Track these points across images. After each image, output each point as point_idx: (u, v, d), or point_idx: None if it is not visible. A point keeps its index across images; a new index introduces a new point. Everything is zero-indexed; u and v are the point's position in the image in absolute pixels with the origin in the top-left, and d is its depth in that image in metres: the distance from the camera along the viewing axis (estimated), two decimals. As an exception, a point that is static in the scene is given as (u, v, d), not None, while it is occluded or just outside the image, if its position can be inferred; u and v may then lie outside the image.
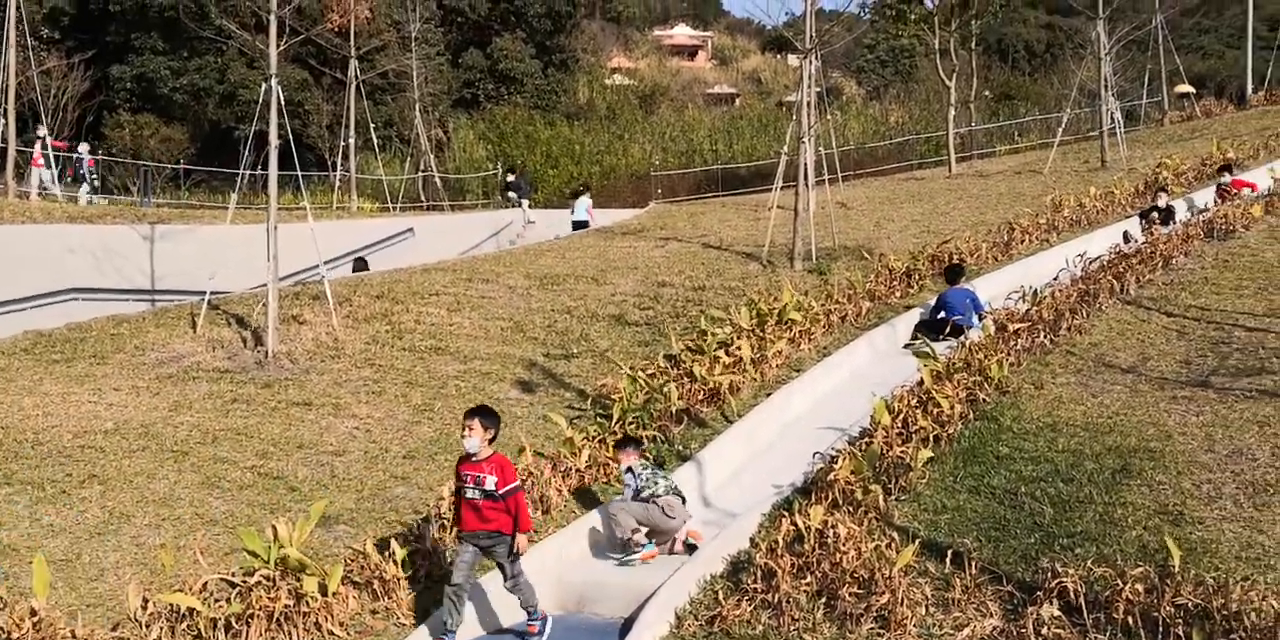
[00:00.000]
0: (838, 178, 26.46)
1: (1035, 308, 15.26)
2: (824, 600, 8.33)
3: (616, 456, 10.83)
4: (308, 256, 17.83)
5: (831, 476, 10.15)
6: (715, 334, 14.89)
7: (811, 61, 20.98)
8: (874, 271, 18.47)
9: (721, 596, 8.52)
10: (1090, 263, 17.61)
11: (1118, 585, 7.85)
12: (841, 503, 9.76)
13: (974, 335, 14.85)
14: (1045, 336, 14.36)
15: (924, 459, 10.58)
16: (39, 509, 9.85)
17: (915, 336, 16.20)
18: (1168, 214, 21.05)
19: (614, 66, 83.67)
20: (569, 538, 10.11)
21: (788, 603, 8.26)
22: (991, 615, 7.93)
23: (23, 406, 12.20)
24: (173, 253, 24.19)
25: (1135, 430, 11.35)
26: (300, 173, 18.15)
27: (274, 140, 15.10)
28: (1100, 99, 32.12)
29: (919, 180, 34.08)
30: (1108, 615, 7.73)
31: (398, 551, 9.03)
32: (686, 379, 13.59)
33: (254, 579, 8.33)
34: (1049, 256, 19.36)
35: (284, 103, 15.29)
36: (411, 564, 9.08)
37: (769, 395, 13.66)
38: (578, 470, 11.26)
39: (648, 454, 11.47)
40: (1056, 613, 7.71)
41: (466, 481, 8.45)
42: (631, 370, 13.62)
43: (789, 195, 21.04)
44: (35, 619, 7.58)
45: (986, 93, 57.73)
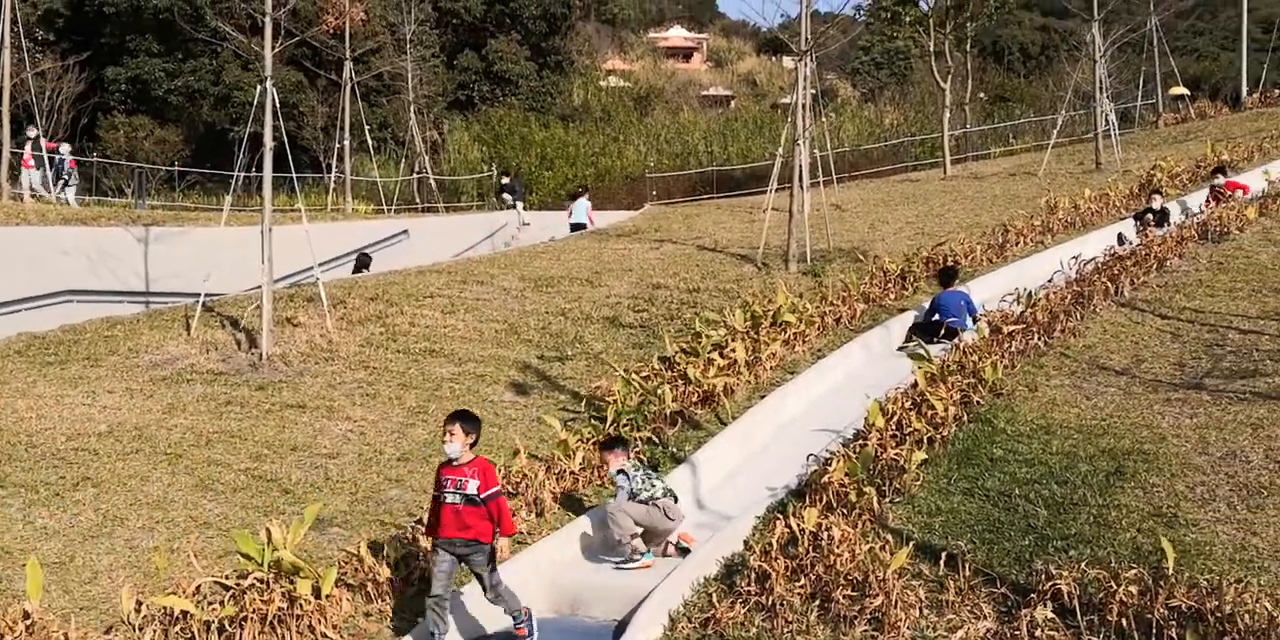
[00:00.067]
0: (832, 180, 26.51)
1: (1030, 310, 15.26)
2: (818, 602, 8.32)
3: (604, 458, 10.71)
4: (302, 258, 17.84)
5: (826, 479, 10.15)
6: (709, 336, 14.89)
7: (806, 63, 20.99)
8: (868, 274, 18.47)
9: (715, 599, 8.50)
10: (1085, 265, 17.62)
11: (1112, 587, 7.85)
12: (836, 505, 9.76)
13: (968, 337, 14.87)
14: (1039, 339, 14.36)
15: (918, 461, 10.58)
16: (32, 511, 9.83)
17: (909, 339, 16.22)
18: (1162, 216, 21.10)
19: (609, 68, 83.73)
20: (562, 540, 10.09)
21: (782, 605, 8.25)
22: (985, 617, 7.94)
23: (16, 409, 12.18)
24: (167, 255, 24.17)
25: (1129, 432, 11.36)
26: (295, 175, 18.17)
27: (269, 142, 15.09)
28: (1095, 101, 32.14)
29: (914, 182, 34.11)
30: (1101, 617, 7.73)
31: (391, 554, 9.03)
32: (681, 381, 13.59)
33: (247, 582, 8.31)
34: (1044, 258, 19.38)
35: (279, 105, 15.29)
36: (405, 567, 9.06)
37: (763, 397, 13.65)
38: (571, 473, 11.25)
39: (642, 456, 11.47)
40: (1050, 615, 7.71)
41: (447, 486, 8.34)
42: (626, 372, 13.62)
43: (784, 197, 21.05)
44: (28, 622, 7.57)
45: (981, 95, 57.76)
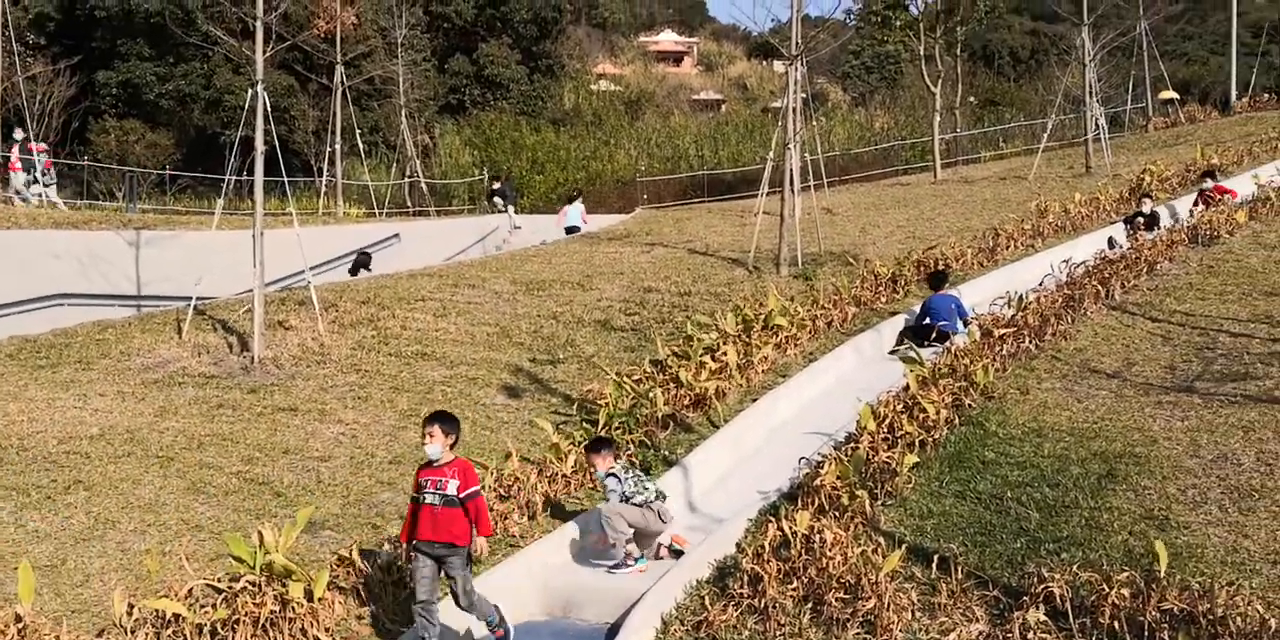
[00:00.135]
0: (823, 184, 26.57)
1: (1021, 313, 15.30)
2: (810, 605, 8.32)
3: (590, 460, 10.53)
4: (294, 262, 17.81)
5: (818, 482, 10.15)
6: (701, 339, 14.90)
7: (797, 67, 21.03)
8: (860, 277, 18.50)
9: (708, 602, 8.50)
10: (1075, 268, 17.66)
11: (1103, 590, 7.86)
12: (828, 508, 9.77)
13: (959, 341, 14.89)
14: (1030, 342, 14.39)
15: (910, 464, 10.59)
16: (24, 515, 9.82)
17: (901, 342, 16.24)
18: (1152, 220, 21.15)
19: (600, 72, 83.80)
20: (555, 543, 10.08)
21: (774, 608, 8.25)
22: (978, 620, 7.94)
23: (8, 412, 12.17)
24: (158, 258, 24.12)
25: (1120, 435, 11.38)
26: (286, 178, 18.11)
27: (260, 146, 15.09)
28: (1085, 105, 32.25)
29: (904, 186, 34.16)
30: (1093, 620, 7.75)
31: (383, 557, 9.02)
32: (672, 384, 13.59)
33: (240, 585, 8.30)
34: (1034, 262, 19.42)
35: (270, 108, 15.28)
36: (397, 570, 9.05)
37: (755, 401, 13.66)
38: (563, 476, 11.25)
39: (634, 459, 11.47)
40: (1042, 617, 7.72)
41: (427, 487, 8.27)
42: (617, 376, 13.61)
43: (775, 201, 21.08)
44: (20, 625, 7.55)
45: (972, 99, 57.99)
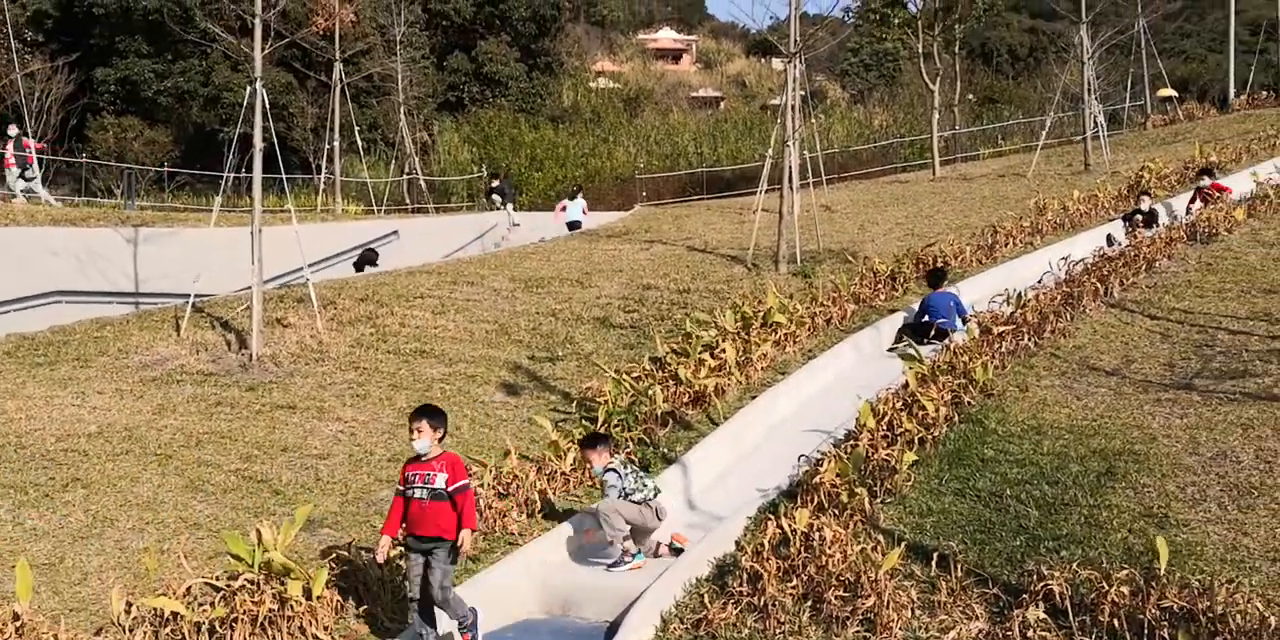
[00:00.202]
0: (822, 181, 26.57)
1: (1019, 310, 15.28)
2: (810, 603, 8.31)
3: (585, 456, 10.46)
4: (292, 259, 17.81)
5: (817, 479, 10.13)
6: (700, 337, 14.89)
7: (796, 65, 21.01)
8: (858, 274, 18.49)
9: (707, 600, 8.49)
10: (1074, 266, 17.65)
11: (1103, 588, 7.85)
12: (827, 505, 9.75)
13: (959, 338, 14.88)
14: (1029, 339, 14.38)
15: (909, 462, 10.58)
16: (22, 513, 9.80)
17: (899, 339, 16.23)
18: (1150, 217, 21.15)
19: (598, 70, 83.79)
20: (554, 541, 10.07)
21: (773, 606, 8.24)
22: (977, 618, 7.94)
23: (5, 410, 12.14)
24: (157, 255, 24.11)
25: (1120, 433, 11.37)
26: (285, 175, 18.08)
27: (258, 143, 15.07)
28: (1083, 103, 32.24)
29: (903, 183, 34.17)
30: (1093, 618, 7.74)
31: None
32: (671, 382, 13.58)
33: (238, 583, 8.28)
34: (1033, 259, 19.41)
35: (268, 106, 15.25)
36: (396, 568, 9.04)
37: (754, 398, 13.65)
38: (563, 473, 11.24)
39: (633, 456, 11.46)
40: (1042, 615, 7.71)
41: (415, 481, 8.19)
42: (616, 373, 13.60)
43: (773, 198, 21.07)
44: (18, 623, 7.54)
45: (970, 96, 57.96)
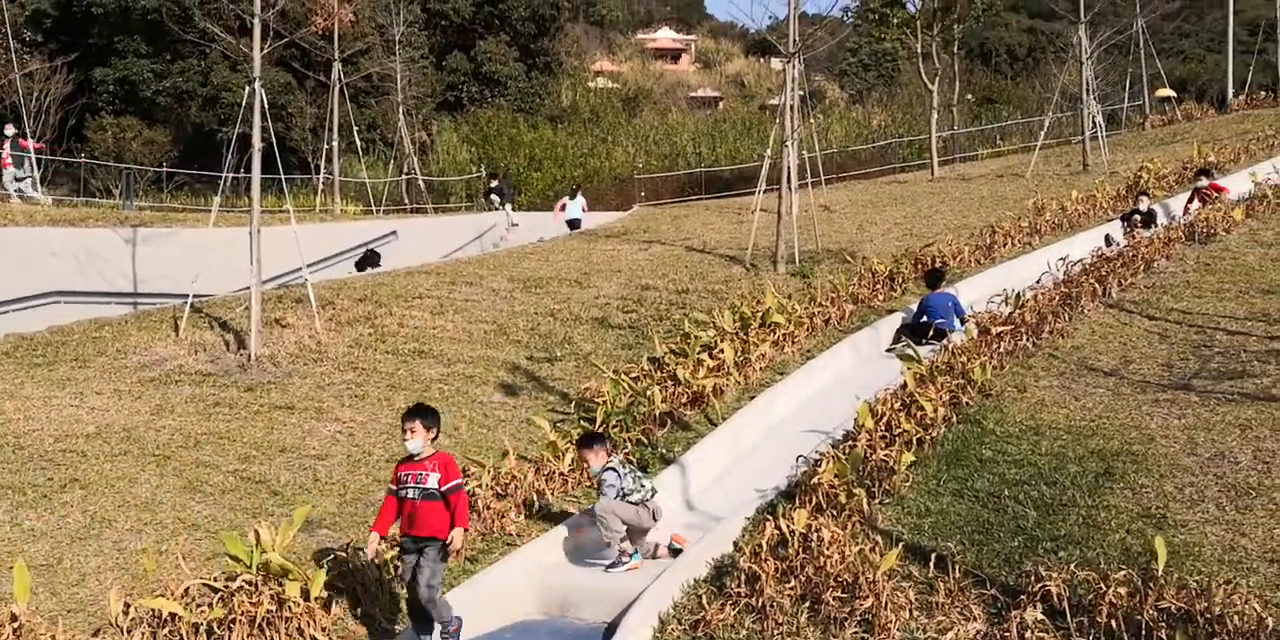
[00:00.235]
0: (820, 181, 26.57)
1: (1018, 311, 15.27)
2: (808, 604, 8.31)
3: (582, 455, 10.39)
4: (291, 259, 17.81)
5: (815, 480, 10.13)
6: (698, 337, 14.89)
7: (794, 65, 21.02)
8: (857, 274, 18.49)
9: (705, 601, 8.49)
10: (1072, 266, 17.63)
11: (1101, 589, 7.85)
12: (825, 506, 9.75)
13: (956, 338, 14.88)
14: (1028, 339, 14.38)
15: (907, 462, 10.57)
16: (20, 513, 9.80)
17: (898, 340, 16.23)
18: (1149, 217, 21.15)
19: (597, 70, 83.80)
20: (552, 542, 10.06)
21: (772, 607, 8.24)
22: (975, 619, 7.94)
23: (3, 410, 12.13)
24: (155, 256, 24.12)
25: (1118, 433, 11.37)
26: (283, 176, 18.12)
27: (257, 143, 15.07)
28: (1082, 103, 32.25)
29: (901, 183, 34.18)
30: (1091, 619, 7.74)
31: (384, 554, 9.01)
32: (670, 382, 13.58)
33: (236, 584, 8.28)
34: (1031, 260, 19.41)
35: (267, 106, 15.25)
36: (394, 568, 9.04)
37: (752, 398, 13.65)
38: (561, 474, 11.24)
39: (631, 457, 11.45)
40: (1040, 616, 7.70)
41: (407, 481, 8.19)
42: (615, 373, 13.61)
43: (772, 198, 21.08)
44: (16, 624, 7.53)
45: (969, 96, 57.97)
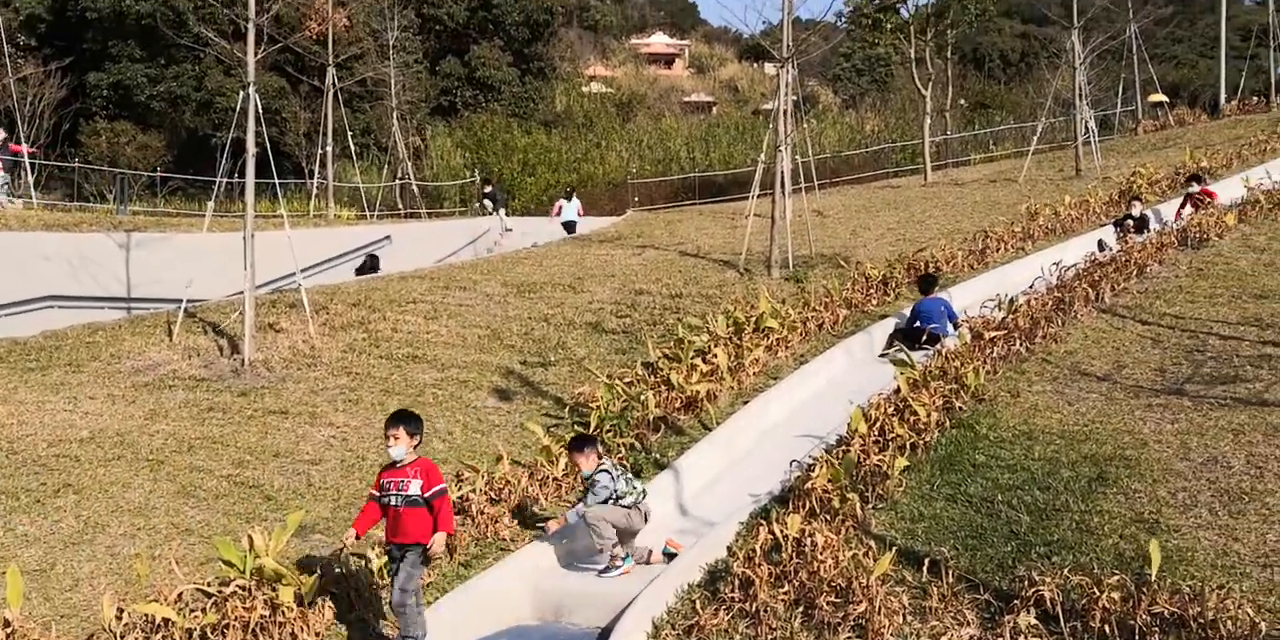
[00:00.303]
0: (814, 186, 26.54)
1: (1011, 316, 15.30)
2: (801, 609, 8.32)
3: (573, 459, 10.33)
4: (285, 264, 17.80)
5: (809, 485, 10.14)
6: (692, 342, 14.90)
7: (788, 70, 21.04)
8: (851, 279, 18.51)
9: (699, 606, 8.49)
10: (1065, 271, 17.68)
11: (1094, 593, 7.86)
12: (819, 511, 9.76)
13: (950, 343, 14.89)
14: (1021, 345, 14.40)
15: (901, 467, 10.60)
16: (13, 518, 9.78)
17: (890, 345, 16.24)
18: (1142, 222, 21.19)
19: (591, 75, 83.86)
20: (545, 547, 10.07)
21: (765, 612, 8.25)
22: (969, 624, 7.95)
23: (-4, 415, 12.13)
24: (149, 260, 24.07)
25: (1111, 438, 11.39)
26: (278, 180, 18.12)
27: (251, 148, 15.06)
28: (1075, 108, 32.30)
29: (895, 188, 34.22)
30: (1084, 623, 7.75)
31: (374, 561, 9.01)
32: (664, 387, 13.59)
33: (229, 589, 8.27)
34: (1024, 265, 19.44)
35: (261, 110, 15.26)
36: (388, 573, 9.03)
37: (746, 403, 13.66)
38: (555, 479, 11.24)
39: (624, 461, 11.45)
40: (1033, 621, 7.73)
41: (390, 489, 8.14)
42: (609, 378, 13.61)
43: (766, 203, 21.09)
44: (9, 630, 7.53)
45: (962, 101, 58.03)
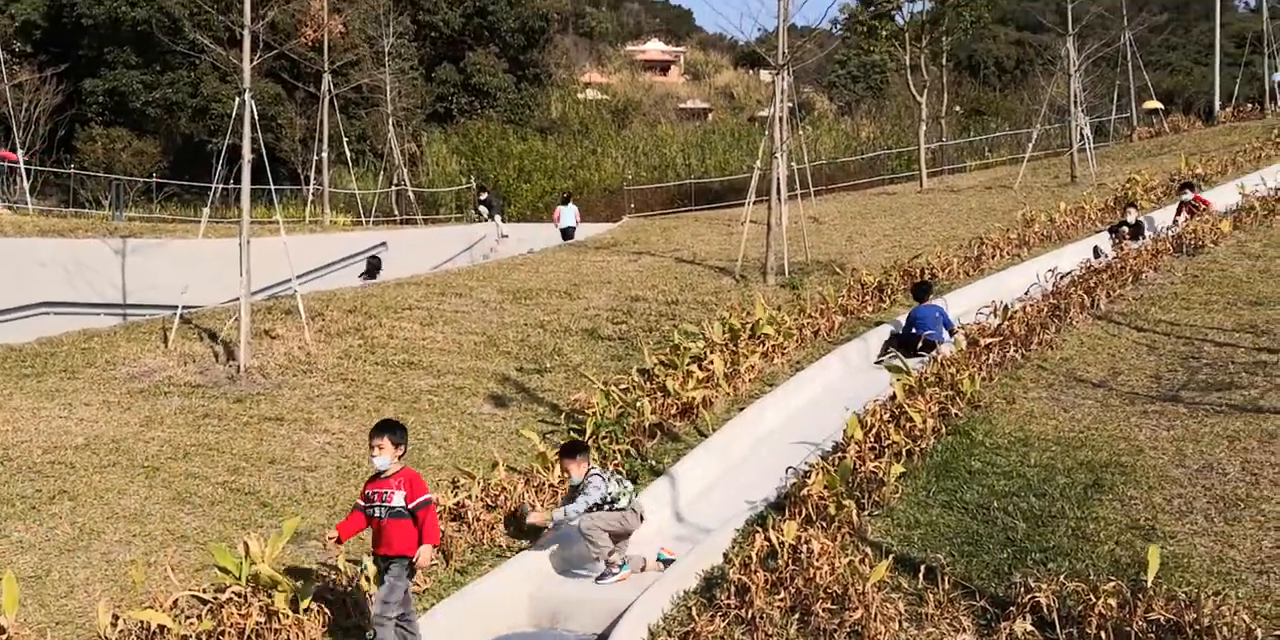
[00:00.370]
0: (810, 193, 26.61)
1: (1006, 322, 15.31)
2: (798, 616, 8.32)
3: (564, 465, 10.28)
4: (280, 270, 17.80)
5: (805, 491, 10.15)
6: (688, 348, 14.90)
7: (784, 77, 21.07)
8: (846, 286, 18.53)
9: (695, 612, 8.49)
10: (1061, 278, 17.70)
11: (1090, 600, 7.87)
12: (815, 518, 9.76)
13: (945, 350, 14.90)
14: (1017, 351, 14.41)
15: (897, 474, 10.59)
16: (8, 525, 9.77)
17: (885, 351, 16.25)
18: (1137, 229, 21.23)
19: (587, 81, 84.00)
20: (542, 553, 10.08)
21: (761, 618, 8.25)
22: (965, 630, 7.95)
23: (-9, 422, 12.11)
24: (144, 267, 24.09)
25: (1106, 445, 11.39)
26: (273, 187, 18.14)
27: (247, 154, 15.07)
28: (1070, 115, 32.38)
29: (890, 195, 34.27)
30: (1080, 630, 7.75)
31: (370, 568, 8.99)
32: (660, 393, 13.58)
33: (225, 596, 8.28)
34: (1020, 271, 19.47)
35: (257, 117, 15.28)
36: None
37: (742, 410, 13.66)
38: (551, 485, 11.23)
39: (621, 468, 11.45)
40: (1030, 628, 7.72)
41: (374, 500, 8.06)
42: (605, 385, 13.61)
43: (762, 210, 21.11)
44: (4, 636, 7.53)
45: (957, 108, 58.14)
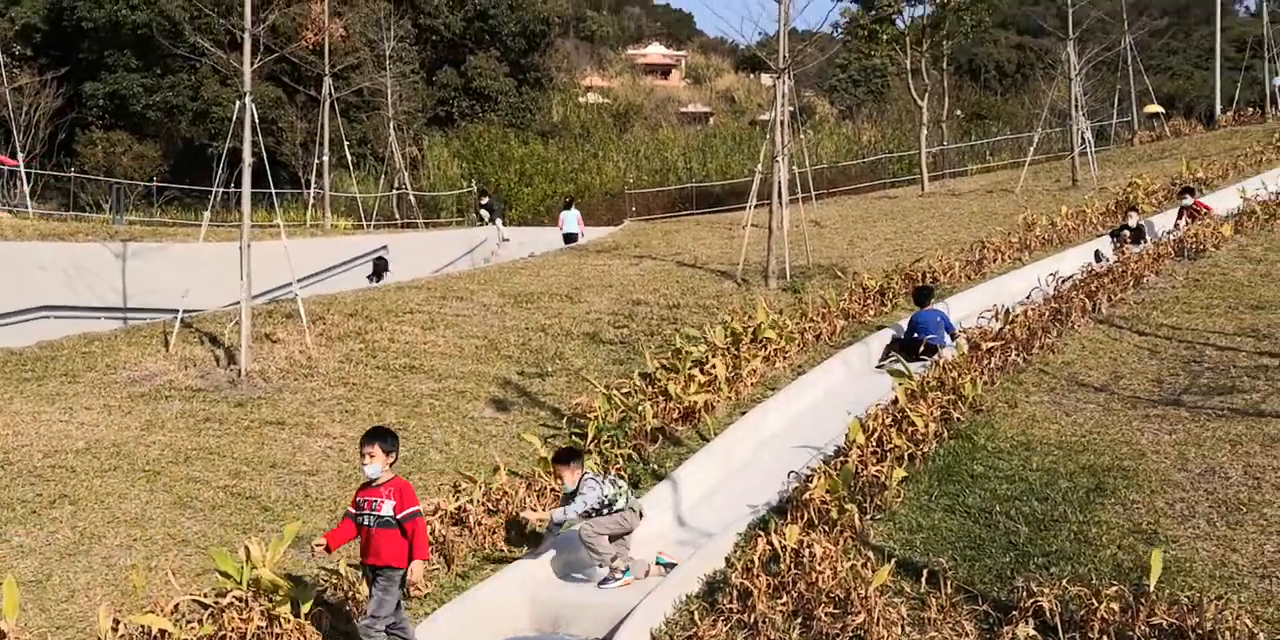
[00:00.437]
0: (811, 196, 26.60)
1: (1008, 326, 15.29)
2: (800, 620, 8.30)
3: (558, 472, 10.14)
4: (281, 274, 17.79)
5: (807, 495, 10.13)
6: (690, 352, 14.88)
7: (785, 81, 21.08)
8: (848, 290, 18.52)
9: (697, 617, 8.48)
10: (1062, 282, 17.68)
11: (1093, 604, 7.85)
12: (817, 522, 9.74)
13: (947, 354, 14.88)
14: (1018, 355, 14.40)
15: (899, 478, 10.58)
16: (8, 529, 9.76)
17: (887, 355, 16.23)
18: (1138, 233, 21.22)
19: (588, 85, 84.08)
20: (543, 558, 10.05)
21: (764, 623, 8.23)
22: (967, 635, 7.93)
23: (-8, 426, 12.10)
24: (145, 270, 24.09)
25: (1108, 449, 11.38)
26: (274, 190, 18.13)
27: (248, 158, 15.06)
28: (1071, 119, 32.38)
29: (892, 199, 34.28)
30: (1083, 634, 7.73)
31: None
32: (661, 397, 13.57)
33: (226, 600, 8.26)
34: (1021, 275, 19.46)
35: (258, 120, 15.28)
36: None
37: (744, 414, 13.65)
38: (552, 490, 11.21)
39: (624, 472, 11.44)
40: (1032, 632, 7.71)
41: (364, 508, 7.95)
42: (606, 389, 13.60)
43: (763, 213, 21.10)
44: (5, 641, 7.51)
45: (958, 112, 58.21)
